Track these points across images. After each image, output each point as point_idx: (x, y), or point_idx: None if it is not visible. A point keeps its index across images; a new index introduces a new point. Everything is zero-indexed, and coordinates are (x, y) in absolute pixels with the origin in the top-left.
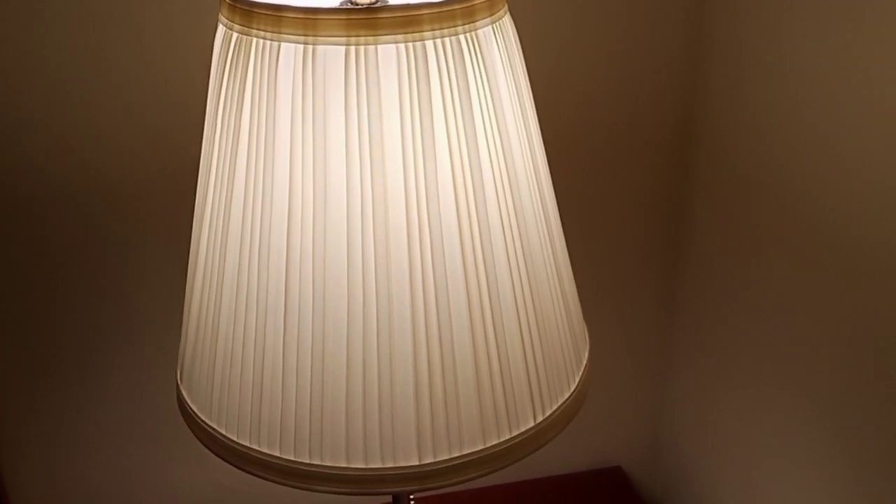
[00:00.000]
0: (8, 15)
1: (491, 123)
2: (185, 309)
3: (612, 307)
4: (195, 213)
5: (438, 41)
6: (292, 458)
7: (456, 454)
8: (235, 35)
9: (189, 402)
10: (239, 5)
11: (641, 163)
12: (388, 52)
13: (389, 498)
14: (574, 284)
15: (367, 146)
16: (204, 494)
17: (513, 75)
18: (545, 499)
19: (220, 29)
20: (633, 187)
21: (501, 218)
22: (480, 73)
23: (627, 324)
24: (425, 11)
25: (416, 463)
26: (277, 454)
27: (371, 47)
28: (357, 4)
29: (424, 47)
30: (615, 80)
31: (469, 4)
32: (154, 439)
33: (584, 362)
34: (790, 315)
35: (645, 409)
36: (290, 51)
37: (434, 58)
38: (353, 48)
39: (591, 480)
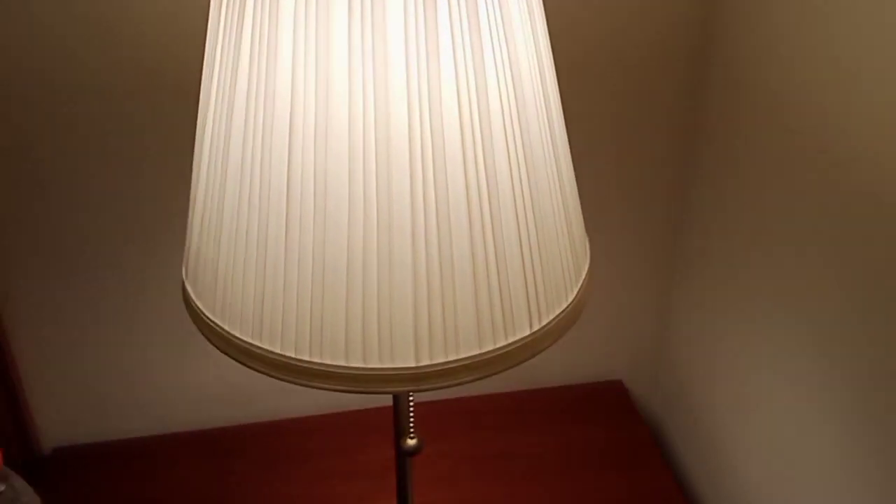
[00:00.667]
0: None
1: (498, 34)
2: (190, 207)
3: (618, 224)
4: (199, 112)
5: None
6: (293, 354)
7: (452, 357)
8: None
9: (194, 298)
10: None
11: (654, 86)
12: None
13: (390, 398)
14: (577, 200)
15: (370, 48)
16: (211, 391)
17: None
18: (547, 407)
19: None
20: (646, 109)
21: (504, 127)
22: None
23: (632, 242)
24: None
25: (413, 365)
26: (279, 350)
27: None
28: None
29: None
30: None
31: None
32: (162, 337)
33: (584, 276)
34: (794, 238)
35: (647, 325)
36: None
37: None
38: None
39: (591, 392)
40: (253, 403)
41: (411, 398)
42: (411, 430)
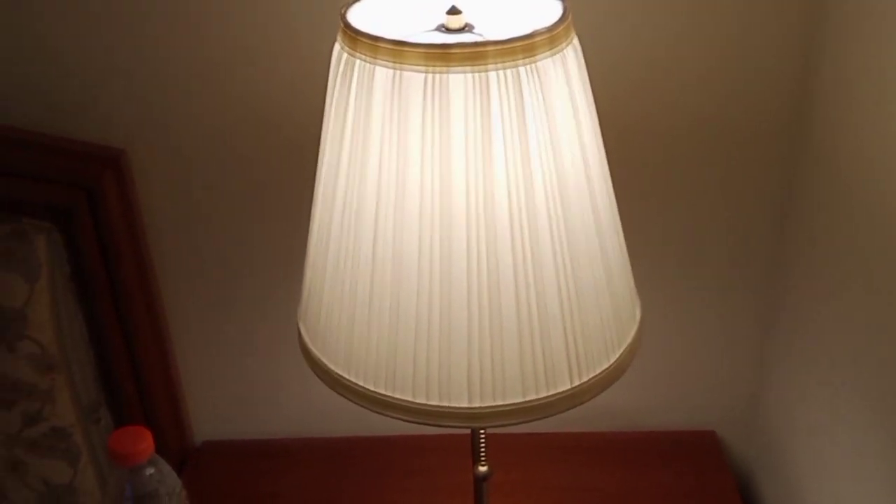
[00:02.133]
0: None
1: (544, 139)
2: (306, 259)
3: (715, 281)
4: (315, 189)
5: (501, 73)
6: (373, 388)
7: (500, 402)
8: (345, 55)
9: (304, 334)
10: (348, 31)
11: (747, 163)
12: (458, 81)
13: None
14: (627, 273)
15: (437, 155)
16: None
17: (570, 98)
18: (638, 449)
19: (336, 46)
20: (737, 185)
21: (549, 217)
22: (537, 98)
23: (731, 298)
24: (490, 48)
25: (466, 405)
26: (362, 383)
27: (444, 76)
28: (449, 30)
29: (487, 78)
30: (724, 81)
31: (529, 42)
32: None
33: (629, 341)
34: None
35: (743, 379)
36: (383, 73)
37: (496, 86)
38: (429, 75)
39: (684, 439)
40: (366, 417)
41: (482, 434)
42: (482, 458)
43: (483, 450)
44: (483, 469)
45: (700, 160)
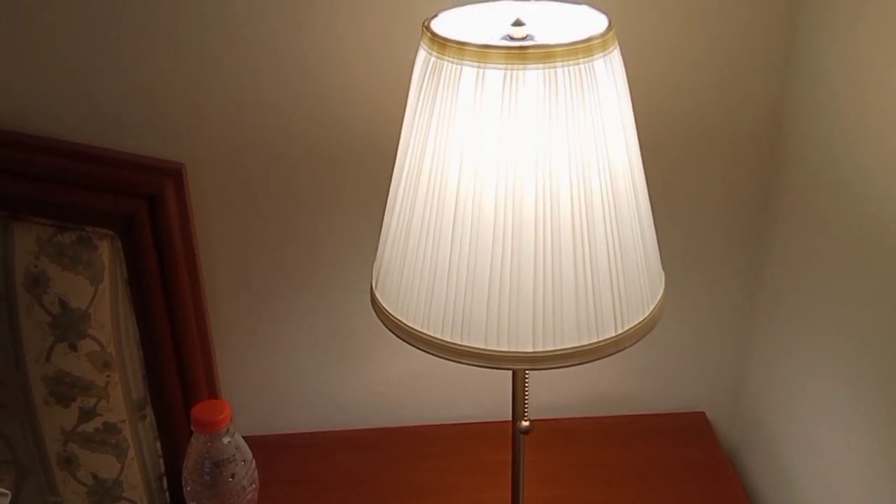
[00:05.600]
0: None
1: (598, 125)
2: (381, 239)
3: (702, 267)
4: (393, 176)
5: (566, 69)
6: (448, 338)
7: (559, 346)
8: (433, 59)
9: (380, 300)
10: (437, 39)
11: (730, 159)
12: (532, 76)
13: (500, 413)
14: (656, 247)
15: (512, 136)
16: (361, 399)
17: (616, 94)
18: (638, 429)
19: (422, 53)
20: (724, 179)
21: (601, 191)
22: (593, 92)
23: (715, 291)
24: (559, 49)
25: (531, 350)
26: (439, 335)
27: (521, 72)
28: (514, 38)
29: (556, 73)
30: (708, 87)
31: (588, 44)
32: (327, 353)
33: (658, 299)
34: (874, 286)
35: (728, 361)
36: (469, 72)
37: (563, 80)
38: (508, 72)
39: (677, 420)
40: (391, 411)
41: (527, 390)
42: (526, 412)
43: (527, 406)
44: (526, 424)
45: (690, 157)
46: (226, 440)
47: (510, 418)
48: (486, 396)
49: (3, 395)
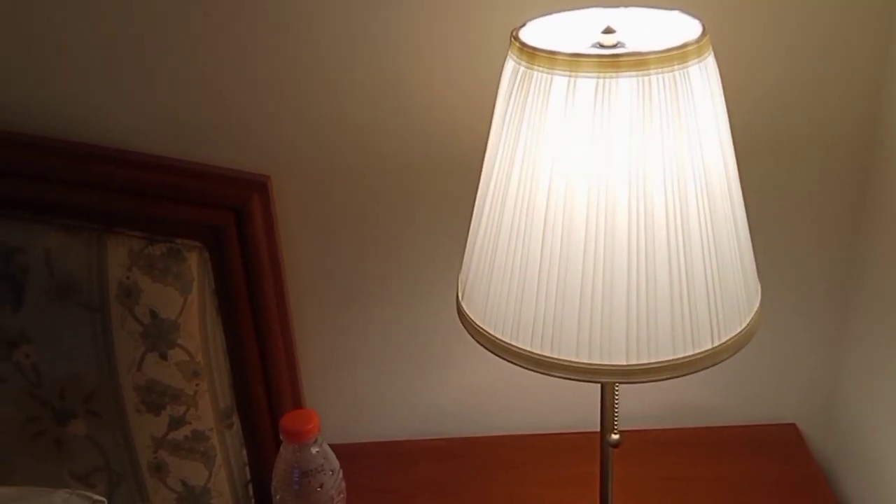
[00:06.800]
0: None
1: (694, 133)
2: (467, 254)
3: (795, 277)
4: (480, 186)
5: (660, 76)
6: (539, 351)
7: (653, 360)
8: (522, 69)
9: (468, 312)
10: (527, 49)
11: (823, 166)
12: (626, 84)
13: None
14: (752, 258)
15: (604, 146)
16: (444, 408)
17: (712, 101)
18: (727, 441)
19: (510, 63)
20: (814, 186)
21: (697, 200)
22: (688, 100)
23: (807, 299)
24: (652, 56)
25: (624, 363)
26: (528, 348)
27: (614, 80)
28: (604, 46)
29: (650, 81)
30: (799, 90)
31: (683, 51)
32: (409, 363)
33: (755, 310)
34: None
35: (821, 373)
36: (559, 82)
37: (657, 88)
38: (601, 80)
39: (767, 432)
40: (473, 420)
41: (617, 402)
42: (616, 425)
43: (617, 418)
44: (615, 437)
45: (781, 163)
46: (314, 450)
47: (595, 429)
48: (570, 407)
49: (96, 405)
